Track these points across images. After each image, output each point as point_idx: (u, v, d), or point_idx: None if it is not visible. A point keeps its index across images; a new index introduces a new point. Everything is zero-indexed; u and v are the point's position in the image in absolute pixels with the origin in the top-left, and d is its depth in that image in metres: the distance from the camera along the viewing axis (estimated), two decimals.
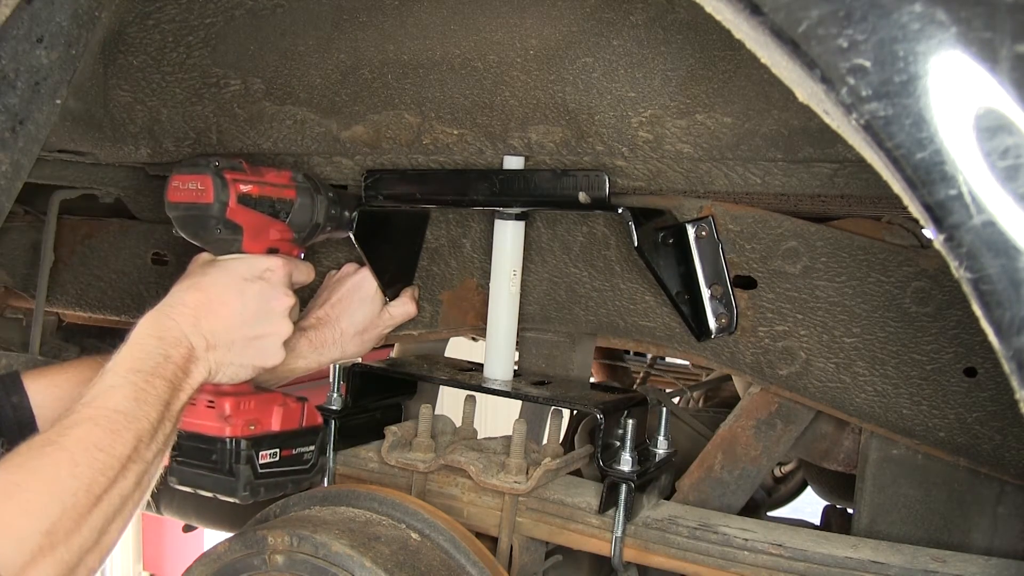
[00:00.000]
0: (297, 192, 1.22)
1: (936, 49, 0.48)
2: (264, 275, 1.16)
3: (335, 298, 1.39)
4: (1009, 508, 1.12)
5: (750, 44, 0.58)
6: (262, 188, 1.17)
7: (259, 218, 1.17)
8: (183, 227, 1.17)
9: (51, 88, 1.23)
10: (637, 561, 1.15)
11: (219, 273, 1.15)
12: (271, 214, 1.18)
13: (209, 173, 1.12)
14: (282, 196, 1.20)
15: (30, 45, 1.18)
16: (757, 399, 1.25)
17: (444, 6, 1.18)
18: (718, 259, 1.19)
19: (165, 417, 0.99)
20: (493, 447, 1.27)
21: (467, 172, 1.27)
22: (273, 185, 1.19)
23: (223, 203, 1.12)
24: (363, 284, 1.39)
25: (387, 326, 1.41)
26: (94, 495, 0.86)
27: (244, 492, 1.15)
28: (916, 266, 1.09)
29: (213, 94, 1.37)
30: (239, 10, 1.31)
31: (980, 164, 0.48)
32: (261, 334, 1.15)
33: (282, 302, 1.18)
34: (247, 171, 1.16)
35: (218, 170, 1.12)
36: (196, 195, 1.12)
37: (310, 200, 1.23)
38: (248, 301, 1.14)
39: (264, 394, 1.19)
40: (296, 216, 1.22)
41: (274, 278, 1.17)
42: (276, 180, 1.20)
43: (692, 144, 1.10)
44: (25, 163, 1.25)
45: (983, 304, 0.50)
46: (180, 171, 1.15)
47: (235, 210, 1.13)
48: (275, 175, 1.20)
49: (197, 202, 1.12)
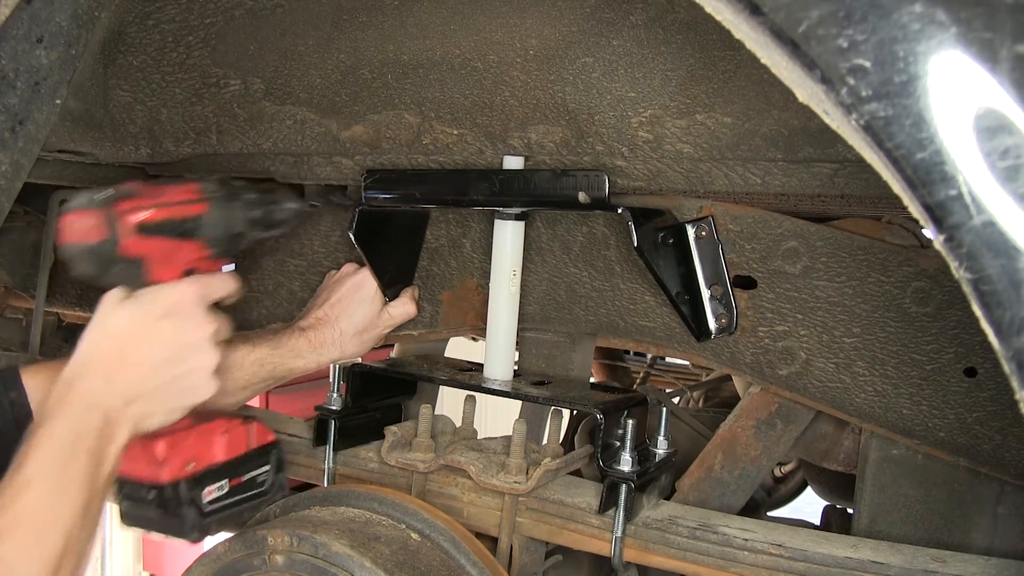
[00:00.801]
0: (208, 205, 1.10)
1: (936, 49, 0.48)
2: (175, 308, 1.05)
3: (334, 298, 1.38)
4: (1009, 508, 1.12)
5: (750, 44, 0.58)
6: (162, 211, 1.05)
7: (164, 243, 1.06)
8: (79, 269, 1.05)
9: (51, 88, 1.23)
10: (637, 561, 1.15)
11: (126, 317, 1.04)
12: (179, 236, 1.07)
13: (95, 207, 1.01)
14: (188, 214, 1.08)
15: (30, 45, 1.18)
16: (757, 399, 1.25)
17: (444, 6, 1.18)
18: (718, 259, 1.19)
19: (93, 495, 0.94)
20: (493, 447, 1.27)
21: (467, 172, 1.27)
22: (176, 204, 1.07)
23: (114, 240, 1.01)
24: (363, 284, 1.39)
25: (387, 326, 1.41)
26: None
27: (193, 534, 1.08)
28: (916, 266, 1.09)
29: (213, 94, 1.37)
30: (239, 10, 1.31)
31: (980, 164, 0.48)
32: (184, 372, 1.05)
33: (200, 332, 1.07)
34: (143, 195, 1.05)
35: (106, 202, 1.02)
36: (85, 234, 1.02)
37: (224, 210, 1.12)
38: (162, 342, 1.04)
39: (203, 425, 1.12)
40: (209, 231, 1.10)
41: (185, 309, 1.06)
42: (180, 198, 1.08)
43: (692, 144, 1.10)
44: (25, 163, 1.25)
45: (983, 304, 0.50)
46: (68, 209, 1.04)
47: (132, 243, 1.03)
48: (179, 192, 1.09)
49: (86, 241, 1.02)
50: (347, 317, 1.37)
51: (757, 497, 1.93)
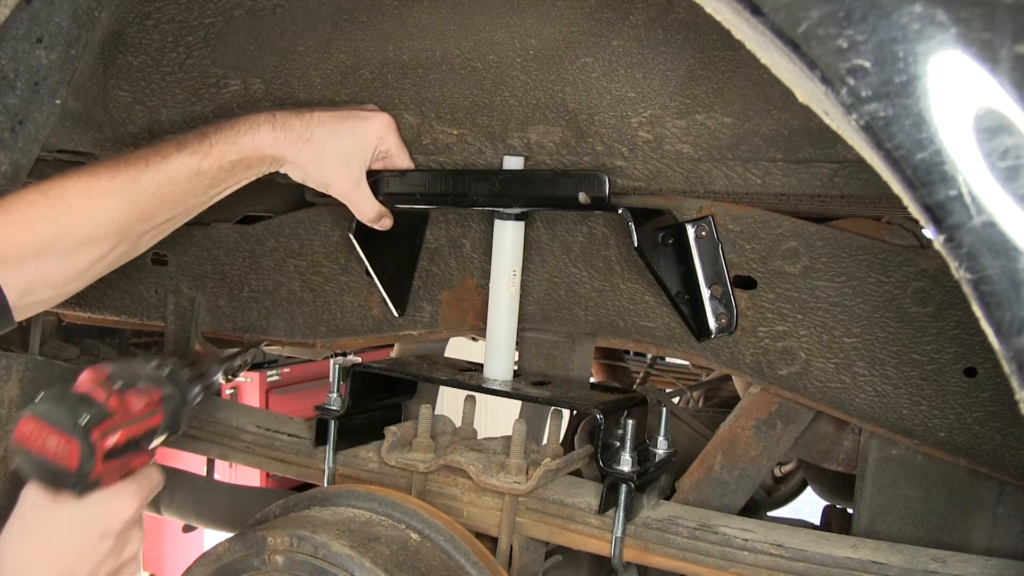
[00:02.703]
0: (163, 414, 1.07)
1: (936, 50, 0.48)
2: (119, 527, 1.02)
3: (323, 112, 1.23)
4: (1009, 508, 1.12)
5: (750, 44, 0.58)
6: (129, 432, 1.01)
7: (122, 461, 1.02)
8: (32, 475, 0.99)
9: (51, 88, 1.23)
10: (637, 561, 1.15)
11: (67, 536, 0.99)
12: (135, 451, 1.04)
13: (76, 437, 0.95)
14: (148, 428, 1.05)
15: (30, 45, 1.18)
16: (757, 399, 1.25)
17: (444, 6, 1.18)
18: (718, 259, 1.19)
19: None
20: (493, 447, 1.27)
21: (467, 172, 1.27)
22: (139, 420, 1.03)
23: (87, 471, 0.96)
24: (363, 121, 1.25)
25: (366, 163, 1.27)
26: None
27: None
28: (916, 266, 1.09)
29: (213, 94, 1.37)
30: (239, 10, 1.31)
31: (980, 165, 0.48)
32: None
33: (135, 547, 1.05)
34: (115, 414, 0.99)
35: (86, 432, 0.95)
36: (55, 456, 0.96)
37: (176, 417, 1.10)
38: (103, 563, 1.00)
39: None
40: (158, 438, 1.08)
41: (127, 527, 1.03)
42: (144, 410, 1.04)
43: (692, 144, 1.10)
44: (25, 163, 1.25)
45: (983, 305, 0.50)
46: (39, 417, 0.96)
47: (100, 470, 0.98)
48: (144, 403, 1.04)
49: (55, 463, 0.96)
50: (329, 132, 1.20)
51: (757, 497, 1.93)
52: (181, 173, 1.13)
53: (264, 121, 1.17)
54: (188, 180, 1.13)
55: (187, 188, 1.14)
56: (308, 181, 1.24)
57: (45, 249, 1.09)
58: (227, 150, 1.14)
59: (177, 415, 1.10)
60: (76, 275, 1.14)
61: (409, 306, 1.47)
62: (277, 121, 1.17)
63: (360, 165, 1.24)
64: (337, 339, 1.56)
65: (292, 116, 1.18)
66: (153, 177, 1.11)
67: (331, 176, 1.22)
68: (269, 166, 1.20)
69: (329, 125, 1.20)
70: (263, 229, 1.58)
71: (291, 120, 1.18)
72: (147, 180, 1.11)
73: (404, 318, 1.47)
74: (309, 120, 1.19)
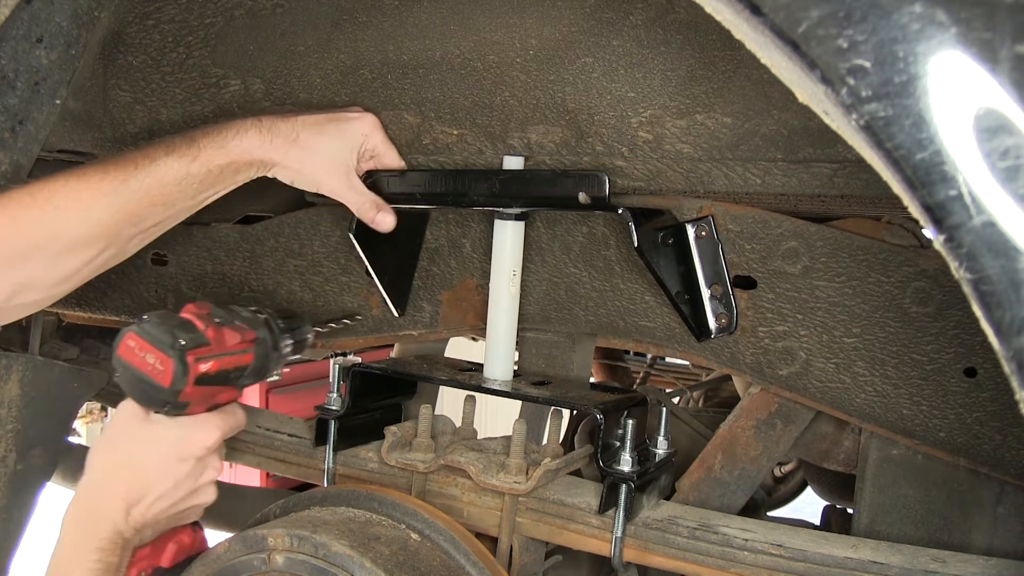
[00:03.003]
0: (255, 355, 1.15)
1: (936, 50, 0.48)
2: (200, 452, 1.10)
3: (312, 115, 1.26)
4: (1009, 508, 1.12)
5: (750, 44, 0.58)
6: (221, 362, 1.09)
7: (211, 390, 1.10)
8: (127, 388, 1.09)
9: (51, 88, 1.23)
10: (637, 561, 1.15)
11: (151, 451, 1.08)
12: (223, 383, 1.12)
13: (172, 357, 1.03)
14: (239, 364, 1.13)
15: (30, 45, 1.18)
16: (757, 399, 1.25)
17: (443, 6, 1.18)
18: (718, 259, 1.19)
19: None
20: (493, 447, 1.27)
21: (467, 172, 1.27)
22: (233, 354, 1.11)
23: (178, 390, 1.05)
24: (351, 122, 1.27)
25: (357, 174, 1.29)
26: None
27: None
28: (916, 266, 1.09)
29: (213, 94, 1.37)
30: (238, 10, 1.31)
31: (980, 165, 0.48)
32: (187, 507, 1.14)
33: (212, 475, 1.14)
34: (211, 343, 1.08)
35: (182, 353, 1.04)
36: (151, 371, 1.04)
37: (265, 359, 1.17)
38: (181, 484, 1.10)
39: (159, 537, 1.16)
40: (248, 378, 1.16)
41: (206, 455, 1.12)
42: (238, 346, 1.12)
43: (692, 144, 1.10)
44: (25, 163, 1.25)
45: (983, 305, 0.50)
46: (141, 335, 1.05)
47: (190, 393, 1.06)
48: (239, 339, 1.12)
49: (151, 378, 1.05)
50: (314, 132, 1.22)
51: (757, 497, 1.93)
52: (170, 176, 1.14)
53: (251, 126, 1.19)
54: (177, 183, 1.14)
55: (176, 191, 1.15)
56: (298, 182, 1.24)
57: (33, 251, 1.09)
58: (215, 154, 1.16)
59: (266, 359, 1.17)
60: (64, 278, 1.15)
61: (409, 306, 1.47)
62: (263, 125, 1.19)
63: (348, 162, 1.25)
64: (337, 339, 1.56)
65: (278, 120, 1.20)
66: (142, 180, 1.12)
67: (320, 175, 1.23)
68: (257, 170, 1.21)
69: (314, 126, 1.22)
70: (263, 229, 1.58)
71: (277, 124, 1.20)
72: (136, 183, 1.12)
73: (404, 318, 1.47)
74: (295, 123, 1.21)
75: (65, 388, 1.57)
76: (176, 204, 1.17)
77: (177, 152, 1.14)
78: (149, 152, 1.14)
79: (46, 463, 1.55)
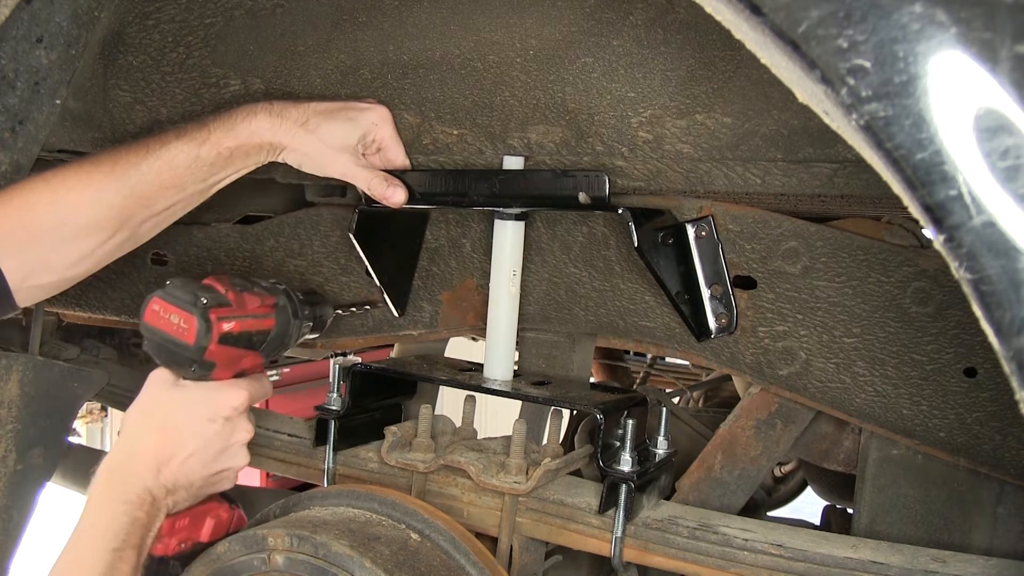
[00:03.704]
0: (276, 320, 1.19)
1: (936, 50, 0.48)
2: (228, 413, 1.13)
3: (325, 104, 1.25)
4: (1009, 508, 1.12)
5: (750, 44, 0.58)
6: (243, 324, 1.13)
7: (235, 352, 1.13)
8: (154, 352, 1.13)
9: (51, 88, 1.23)
10: (637, 561, 1.15)
11: (181, 412, 1.11)
12: (247, 347, 1.15)
13: (195, 314, 1.07)
14: (261, 328, 1.16)
15: (30, 45, 1.18)
16: (757, 399, 1.25)
17: (443, 6, 1.18)
18: (718, 259, 1.19)
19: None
20: (493, 447, 1.27)
21: (467, 172, 1.27)
22: (254, 317, 1.15)
23: (203, 347, 1.08)
24: (364, 111, 1.26)
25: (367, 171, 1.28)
26: None
27: None
28: (916, 266, 1.09)
29: (213, 94, 1.37)
30: (238, 10, 1.31)
31: (980, 165, 0.48)
32: (220, 470, 1.15)
33: (242, 437, 1.16)
34: (232, 304, 1.12)
35: (205, 310, 1.08)
36: (176, 331, 1.08)
37: (287, 326, 1.21)
38: (211, 443, 1.12)
39: (198, 507, 1.17)
40: (270, 345, 1.19)
41: (235, 415, 1.14)
42: (258, 310, 1.16)
43: (692, 144, 1.10)
44: (25, 163, 1.25)
45: (983, 305, 0.50)
46: (165, 298, 1.10)
47: (214, 351, 1.10)
48: (259, 303, 1.16)
49: (176, 338, 1.09)
50: (324, 117, 1.22)
51: (757, 497, 1.93)
52: (180, 159, 1.16)
53: (261, 109, 1.20)
54: (187, 166, 1.16)
55: (186, 174, 1.17)
56: (305, 165, 1.24)
57: (47, 233, 1.12)
58: (225, 136, 1.18)
59: (287, 326, 1.20)
60: (77, 260, 1.17)
61: (409, 306, 1.47)
62: (274, 109, 1.20)
63: (355, 145, 1.25)
64: (337, 339, 1.56)
65: (289, 105, 1.22)
66: (153, 163, 1.15)
67: (327, 158, 1.23)
68: (267, 154, 1.22)
69: (325, 113, 1.23)
70: (263, 229, 1.58)
71: (288, 108, 1.21)
72: (147, 166, 1.15)
73: (404, 318, 1.47)
74: (305, 108, 1.22)
75: (65, 388, 1.57)
76: (187, 188, 1.19)
77: (188, 135, 1.17)
78: (161, 137, 1.17)
79: (46, 463, 1.55)
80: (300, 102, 1.23)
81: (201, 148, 1.16)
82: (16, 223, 1.11)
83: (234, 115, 1.19)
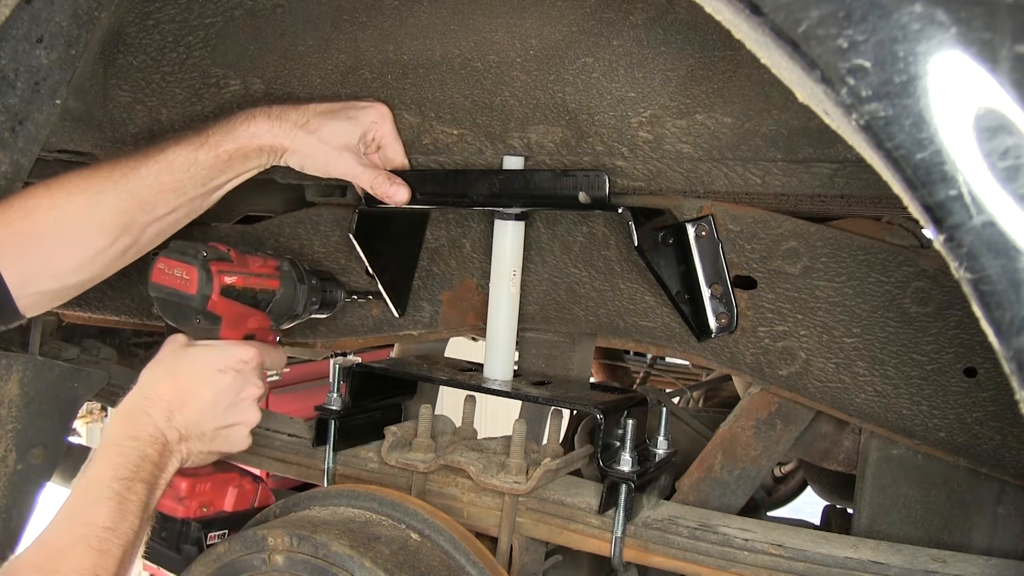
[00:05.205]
0: (280, 282, 1.24)
1: (936, 49, 0.48)
2: (238, 366, 1.17)
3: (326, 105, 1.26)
4: (1009, 508, 1.12)
5: (750, 44, 0.58)
6: (246, 280, 1.19)
7: (240, 308, 1.18)
8: (163, 310, 1.19)
9: (51, 88, 1.23)
10: (637, 561, 1.15)
11: (193, 363, 1.16)
12: (252, 304, 1.20)
13: (196, 265, 1.14)
14: (265, 287, 1.22)
15: (30, 45, 1.18)
16: (757, 399, 1.25)
17: (443, 6, 1.18)
18: (718, 259, 1.19)
19: (144, 520, 1.05)
20: (493, 447, 1.27)
21: (467, 172, 1.27)
22: (257, 276, 1.21)
23: (205, 296, 1.14)
24: (365, 108, 1.26)
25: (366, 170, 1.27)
26: None
27: None
28: (916, 266, 1.09)
29: (213, 94, 1.37)
30: (239, 10, 1.31)
31: (980, 164, 0.48)
32: (231, 423, 1.18)
33: (253, 392, 1.19)
34: (234, 261, 1.18)
35: (205, 262, 1.14)
36: (180, 283, 1.15)
37: (292, 290, 1.25)
38: (221, 392, 1.15)
39: (221, 474, 1.21)
40: (276, 306, 1.24)
41: (247, 369, 1.18)
42: (261, 270, 1.22)
43: (692, 144, 1.10)
44: (25, 163, 1.25)
45: (983, 305, 0.50)
46: (168, 255, 1.17)
47: (217, 302, 1.15)
48: (261, 264, 1.22)
49: (180, 290, 1.15)
50: (324, 118, 1.22)
51: (757, 497, 1.93)
52: (178, 162, 1.17)
53: (260, 112, 1.21)
54: (185, 169, 1.17)
55: (185, 178, 1.18)
56: (307, 167, 1.24)
57: (46, 237, 1.13)
58: (223, 139, 1.19)
59: (294, 291, 1.25)
60: (78, 266, 1.17)
61: (409, 306, 1.47)
62: (273, 112, 1.21)
63: (356, 144, 1.25)
64: (337, 339, 1.56)
65: (288, 108, 1.22)
66: (151, 167, 1.17)
67: (329, 158, 1.23)
68: (268, 157, 1.22)
69: (325, 113, 1.23)
70: (263, 229, 1.58)
71: (287, 111, 1.22)
72: (145, 170, 1.17)
73: (404, 318, 1.47)
74: (305, 110, 1.22)
75: (65, 388, 1.58)
76: (187, 191, 1.20)
77: (186, 140, 1.18)
78: (160, 143, 1.19)
79: (46, 463, 1.55)
80: (299, 104, 1.23)
81: (199, 151, 1.17)
82: (16, 228, 1.12)
83: (233, 119, 1.20)
